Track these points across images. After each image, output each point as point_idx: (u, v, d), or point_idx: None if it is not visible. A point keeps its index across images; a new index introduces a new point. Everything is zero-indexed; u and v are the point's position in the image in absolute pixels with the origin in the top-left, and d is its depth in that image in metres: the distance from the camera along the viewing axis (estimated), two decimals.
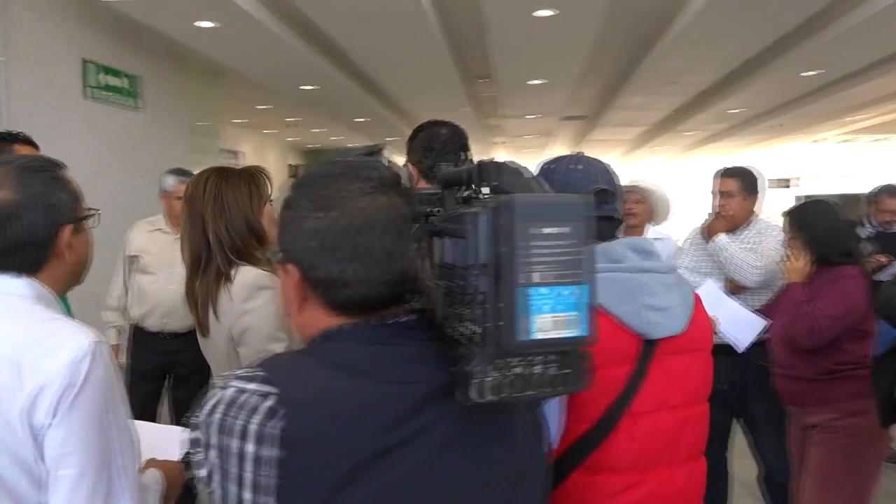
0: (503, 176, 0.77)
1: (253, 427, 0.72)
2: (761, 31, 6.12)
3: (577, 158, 1.49)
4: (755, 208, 3.25)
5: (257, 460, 0.71)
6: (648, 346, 1.33)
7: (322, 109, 9.88)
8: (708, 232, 3.27)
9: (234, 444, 0.73)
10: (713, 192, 3.32)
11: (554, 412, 1.28)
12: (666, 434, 1.34)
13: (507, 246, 0.67)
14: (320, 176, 0.80)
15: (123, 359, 3.27)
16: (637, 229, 3.56)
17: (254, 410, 0.73)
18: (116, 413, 1.05)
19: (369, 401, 0.74)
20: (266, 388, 0.73)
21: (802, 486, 2.75)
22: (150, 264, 3.13)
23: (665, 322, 1.33)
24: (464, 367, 0.70)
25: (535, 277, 0.67)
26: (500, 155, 20.47)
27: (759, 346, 3.03)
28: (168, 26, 5.62)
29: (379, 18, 5.51)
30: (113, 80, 6.45)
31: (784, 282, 2.85)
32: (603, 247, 1.39)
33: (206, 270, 1.68)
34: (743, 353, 3.06)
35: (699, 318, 1.42)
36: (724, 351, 3.10)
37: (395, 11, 5.34)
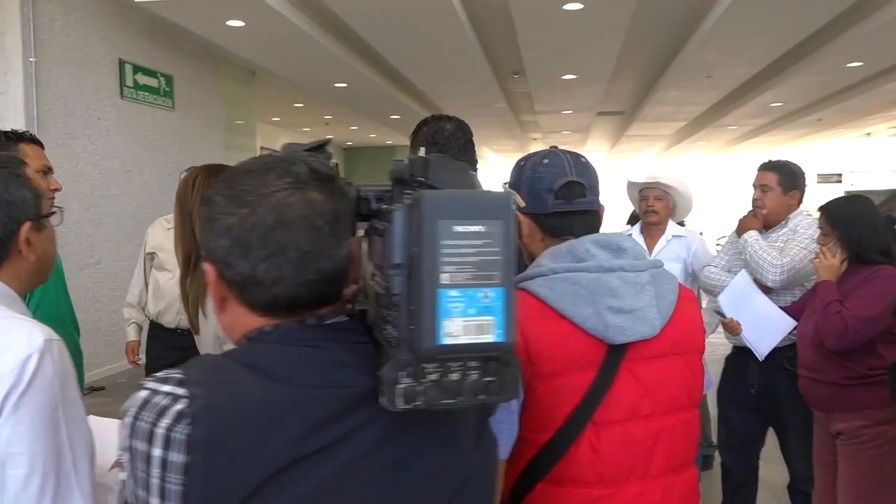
0: (431, 171, 0.73)
1: (160, 431, 0.69)
2: (797, 23, 5.93)
3: (547, 153, 1.38)
4: (796, 204, 3.08)
5: (164, 465, 0.69)
6: (615, 352, 1.24)
7: (355, 107, 9.94)
8: (739, 228, 3.15)
9: (142, 447, 0.70)
10: (753, 186, 3.18)
11: (503, 422, 1.23)
12: (636, 446, 1.25)
13: (417, 244, 0.64)
14: (239, 172, 0.78)
15: (142, 356, 3.32)
16: (658, 227, 3.48)
17: (162, 413, 0.70)
18: (68, 413, 1.04)
19: (286, 406, 0.71)
20: (179, 391, 0.71)
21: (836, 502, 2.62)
22: (166, 261, 3.16)
23: (632, 325, 1.23)
24: (380, 373, 0.67)
25: (446, 278, 0.63)
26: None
27: (790, 349, 2.92)
28: (199, 26, 5.70)
29: (406, 14, 5.50)
30: (148, 80, 6.59)
31: (815, 280, 2.73)
32: (570, 244, 1.30)
33: (196, 269, 1.69)
34: (774, 356, 2.95)
35: (682, 318, 1.32)
36: (752, 353, 3.00)
37: (422, 7, 5.32)
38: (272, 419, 0.70)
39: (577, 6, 5.29)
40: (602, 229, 1.46)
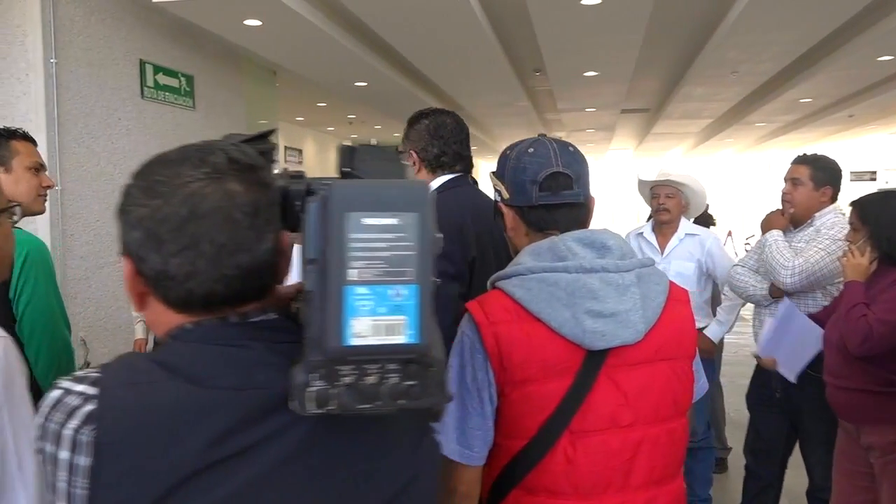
0: (358, 160, 0.70)
1: (67, 433, 0.67)
2: (823, 16, 5.77)
3: (533, 141, 1.32)
4: (828, 202, 2.90)
5: (71, 468, 0.66)
6: (594, 358, 1.18)
7: (377, 106, 9.92)
8: (764, 226, 3.04)
9: (51, 449, 0.68)
10: (784, 180, 3.05)
11: (478, 427, 1.19)
12: (615, 457, 1.19)
13: (325, 238, 0.60)
14: (155, 162, 0.75)
15: None
16: (671, 225, 3.41)
17: (71, 414, 0.67)
18: (14, 413, 1.02)
19: (200, 408, 0.68)
20: (91, 391, 0.68)
21: None
22: None
23: (612, 330, 1.17)
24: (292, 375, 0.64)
25: (353, 275, 0.59)
26: None
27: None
28: (216, 25, 5.74)
29: (422, 11, 5.48)
30: (169, 80, 6.64)
31: (842, 281, 2.60)
32: (552, 241, 1.24)
33: None
34: None
35: (670, 322, 1.24)
36: None
37: (437, 3, 5.29)
38: (184, 422, 0.67)
39: (596, 1, 5.22)
40: (622, 228, 1.39)
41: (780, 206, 3.00)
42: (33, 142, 1.98)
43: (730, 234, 17.87)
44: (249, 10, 5.27)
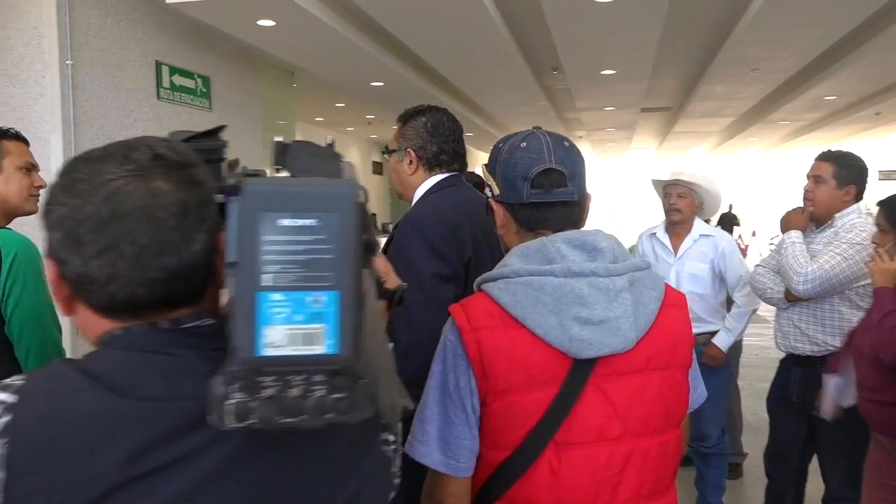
0: (290, 157, 0.66)
1: None
2: (845, 12, 5.64)
3: (526, 135, 1.26)
4: (851, 201, 2.77)
5: None
6: (581, 367, 1.12)
7: (394, 106, 9.88)
8: (784, 225, 2.95)
9: None
10: (807, 177, 2.88)
11: (463, 437, 1.13)
12: (602, 471, 1.13)
13: (239, 240, 0.56)
14: (78, 159, 0.72)
15: None
16: (683, 225, 3.33)
17: None
18: None
19: (122, 419, 0.64)
20: (10, 400, 0.65)
21: None
22: None
23: (600, 338, 1.10)
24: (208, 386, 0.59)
25: (267, 280, 0.55)
26: (584, 149, 19.97)
27: (829, 358, 2.75)
28: (230, 26, 5.75)
29: (435, 11, 5.44)
30: (185, 81, 6.67)
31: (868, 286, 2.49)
32: (540, 242, 1.18)
33: None
34: (815, 367, 2.78)
35: (664, 329, 1.18)
36: (797, 361, 2.85)
37: (449, 2, 5.25)
38: (103, 434, 0.63)
39: None
40: (642, 228, 1.32)
41: (802, 204, 2.90)
42: (25, 141, 1.98)
43: (754, 234, 17.63)
44: (262, 10, 5.27)
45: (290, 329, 0.56)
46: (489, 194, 1.30)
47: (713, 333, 3.28)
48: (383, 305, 0.89)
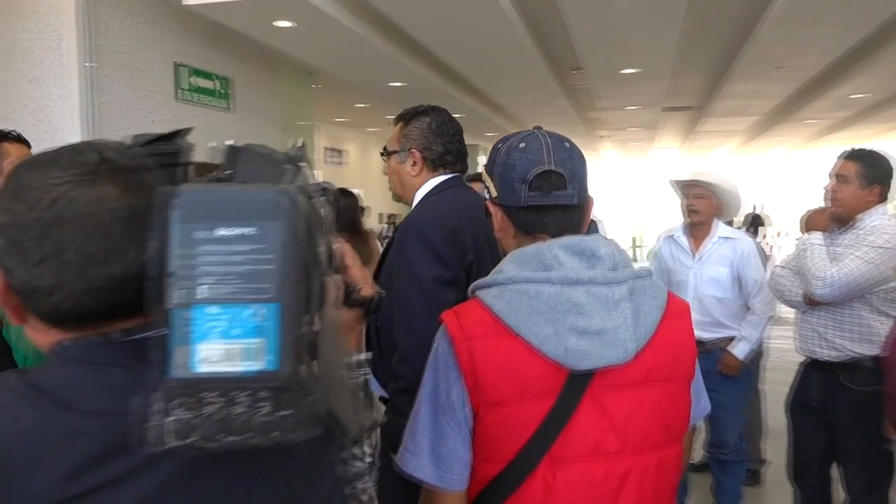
0: (240, 162, 0.63)
1: None
2: (870, 8, 5.51)
3: (525, 135, 1.21)
4: (876, 201, 2.67)
5: None
6: (577, 379, 1.07)
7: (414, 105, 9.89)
8: (805, 224, 2.86)
9: None
10: (829, 176, 2.77)
11: (457, 449, 1.09)
12: (599, 487, 1.08)
13: (168, 251, 0.54)
14: (24, 163, 0.69)
15: None
16: (702, 227, 3.25)
17: None
18: None
19: (62, 435, 0.61)
20: None
21: None
22: None
23: (598, 349, 1.06)
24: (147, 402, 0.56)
25: (202, 293, 0.52)
26: (606, 149, 19.83)
27: (849, 365, 2.67)
28: (247, 27, 5.77)
29: (451, 9, 5.41)
30: (204, 83, 6.72)
31: None
32: (537, 248, 1.13)
33: None
34: (835, 372, 2.70)
35: (665, 340, 1.13)
36: (818, 366, 2.77)
37: (465, 1, 5.21)
38: (45, 449, 0.60)
39: None
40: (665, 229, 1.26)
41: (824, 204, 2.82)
42: (27, 144, 1.98)
43: (779, 234, 17.37)
44: (279, 11, 5.28)
45: (227, 344, 0.52)
46: (487, 196, 1.26)
47: (733, 339, 3.20)
48: (357, 314, 0.86)
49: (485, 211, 1.28)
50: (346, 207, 4.09)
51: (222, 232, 0.52)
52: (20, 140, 1.97)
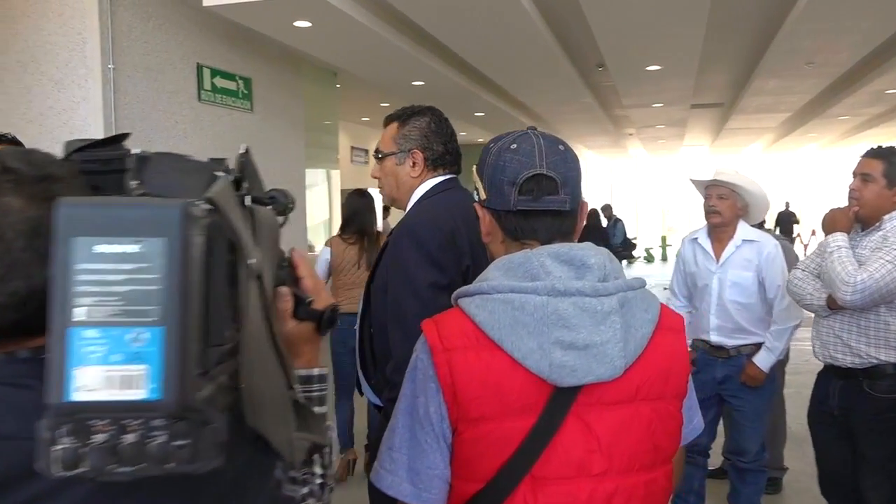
0: (150, 171, 0.59)
1: None
2: None
3: (518, 136, 1.14)
4: None
5: None
6: (562, 395, 1.02)
7: (437, 105, 9.83)
8: (826, 226, 2.75)
9: None
10: (853, 174, 2.65)
11: (435, 467, 1.05)
12: None
13: (49, 269, 0.50)
14: None
15: None
16: (725, 229, 3.13)
17: None
18: None
19: None
20: None
21: None
22: None
23: (584, 364, 1.00)
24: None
25: (80, 314, 0.49)
26: (634, 147, 19.61)
27: (871, 371, 2.57)
28: (266, 27, 5.79)
29: (469, 5, 5.37)
30: (226, 83, 6.76)
31: None
32: (525, 255, 1.07)
33: None
34: (857, 379, 2.61)
35: (656, 356, 1.08)
36: (838, 373, 2.67)
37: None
38: None
39: None
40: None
41: (847, 203, 2.71)
42: (21, 146, 1.98)
43: (814, 232, 16.99)
44: (297, 11, 5.29)
45: (108, 370, 0.48)
46: (476, 198, 1.20)
47: (758, 346, 3.08)
48: (309, 328, 0.82)
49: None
50: (359, 208, 4.06)
51: (102, 248, 0.49)
52: (13, 142, 1.96)
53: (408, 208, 1.84)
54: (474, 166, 1.21)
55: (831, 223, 2.72)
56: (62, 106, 5.41)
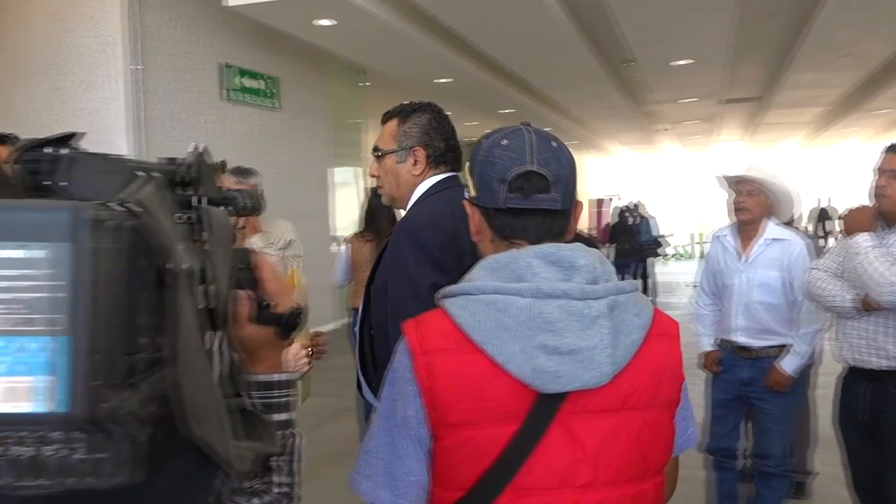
0: (77, 171, 0.57)
1: None
2: None
3: (510, 131, 1.10)
4: None
5: None
6: (546, 402, 0.98)
7: (463, 102, 9.83)
8: (848, 226, 2.65)
9: None
10: (879, 171, 2.55)
11: (413, 473, 1.02)
12: None
13: None
14: None
15: None
16: (751, 227, 3.03)
17: None
18: None
19: None
20: None
21: None
22: None
23: (570, 370, 0.96)
24: None
25: None
26: (666, 143, 19.32)
27: None
28: (289, 25, 5.82)
29: (492, 2, 5.33)
30: (251, 83, 6.82)
31: None
32: (511, 255, 1.03)
33: None
34: (886, 381, 2.51)
35: (647, 363, 1.04)
36: (866, 376, 2.59)
37: None
38: None
39: None
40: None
41: (870, 202, 2.61)
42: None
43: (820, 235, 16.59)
44: (319, 9, 5.31)
45: (11, 381, 0.46)
46: (466, 195, 1.17)
47: (785, 347, 2.98)
48: (271, 332, 0.80)
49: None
50: (377, 207, 4.03)
51: (5, 254, 0.47)
52: (7, 141, 1.98)
53: (408, 207, 1.81)
54: (466, 163, 1.17)
55: (854, 223, 2.63)
56: (92, 107, 5.51)
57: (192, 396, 0.57)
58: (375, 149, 1.86)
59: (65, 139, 0.66)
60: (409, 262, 1.64)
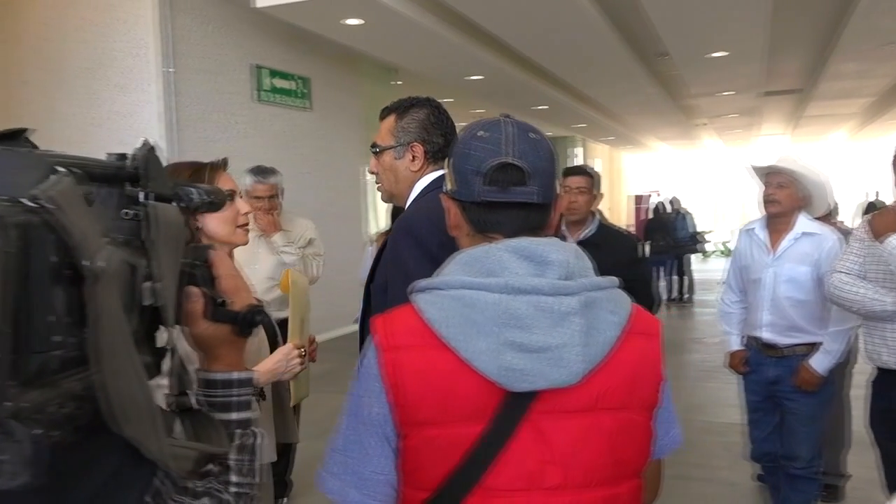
0: None
1: None
2: None
3: (488, 123, 1.07)
4: None
5: None
6: (515, 401, 0.96)
7: (495, 99, 9.78)
8: (875, 228, 2.55)
9: None
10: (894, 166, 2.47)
11: (382, 472, 1.00)
12: None
13: None
14: None
15: None
16: (782, 220, 2.93)
17: None
18: None
19: None
20: None
21: None
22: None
23: (539, 368, 0.94)
24: None
25: None
26: (706, 138, 18.95)
27: None
28: (317, 25, 5.87)
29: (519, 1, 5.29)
30: (282, 83, 6.90)
31: None
32: (484, 250, 1.00)
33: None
34: None
35: (623, 362, 1.00)
36: None
37: None
38: None
39: None
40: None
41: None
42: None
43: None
44: (347, 9, 5.33)
45: None
46: (444, 189, 1.15)
47: (813, 346, 2.88)
48: (227, 330, 0.79)
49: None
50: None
51: None
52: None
53: (407, 204, 1.79)
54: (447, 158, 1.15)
55: (882, 225, 2.53)
56: (126, 110, 5.63)
57: (121, 395, 0.56)
58: (373, 145, 1.84)
59: (16, 133, 0.66)
60: (408, 259, 1.63)
